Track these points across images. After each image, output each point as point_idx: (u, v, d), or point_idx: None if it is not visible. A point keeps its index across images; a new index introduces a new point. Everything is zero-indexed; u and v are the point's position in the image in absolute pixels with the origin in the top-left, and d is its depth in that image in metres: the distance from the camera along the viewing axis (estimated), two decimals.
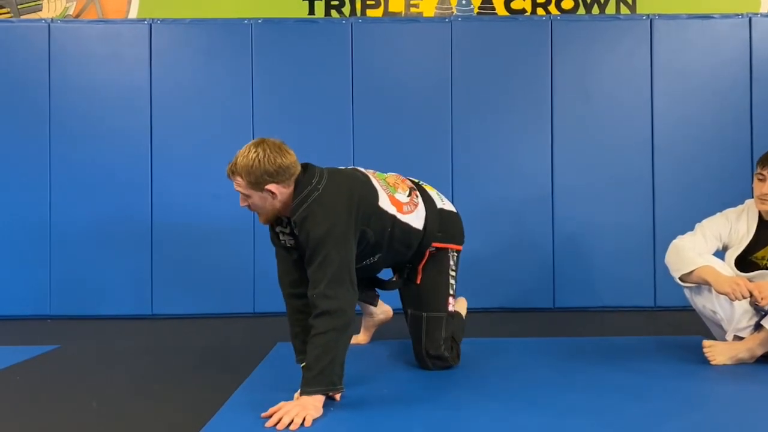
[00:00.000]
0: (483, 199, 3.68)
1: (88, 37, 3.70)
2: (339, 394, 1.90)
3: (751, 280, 2.33)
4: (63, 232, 3.63)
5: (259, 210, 2.04)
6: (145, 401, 2.02)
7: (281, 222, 2.11)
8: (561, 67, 3.72)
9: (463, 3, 4.17)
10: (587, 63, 3.72)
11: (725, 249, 2.51)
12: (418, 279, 2.35)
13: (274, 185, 1.95)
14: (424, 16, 4.16)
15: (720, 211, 2.54)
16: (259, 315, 3.64)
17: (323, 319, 1.88)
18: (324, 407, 1.83)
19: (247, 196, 2.00)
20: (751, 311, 2.34)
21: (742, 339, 2.36)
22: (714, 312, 2.38)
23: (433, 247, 2.34)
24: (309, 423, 1.73)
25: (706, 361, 2.33)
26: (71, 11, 4.18)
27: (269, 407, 1.80)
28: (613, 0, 4.17)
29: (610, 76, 3.72)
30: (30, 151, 3.64)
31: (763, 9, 4.15)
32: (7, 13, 4.18)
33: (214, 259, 3.65)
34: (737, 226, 2.47)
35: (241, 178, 1.96)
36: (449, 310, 2.34)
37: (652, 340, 2.80)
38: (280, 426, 1.71)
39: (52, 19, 3.76)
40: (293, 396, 1.88)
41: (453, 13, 4.16)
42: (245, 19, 3.72)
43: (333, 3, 4.17)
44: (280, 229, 2.12)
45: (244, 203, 2.04)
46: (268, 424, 1.73)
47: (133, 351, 2.81)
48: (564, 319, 3.45)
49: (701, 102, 3.71)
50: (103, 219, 3.64)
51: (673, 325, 3.24)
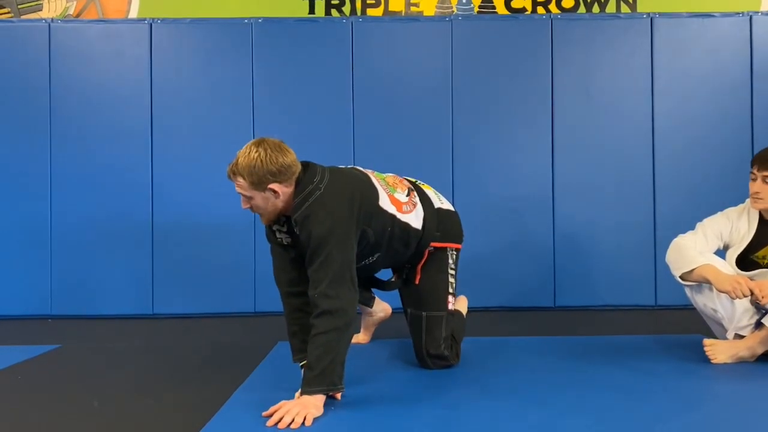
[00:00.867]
0: (483, 198, 3.68)
1: (89, 37, 3.70)
2: (339, 394, 1.90)
3: (751, 278, 2.33)
4: (64, 232, 3.64)
5: (261, 211, 2.04)
6: (146, 400, 2.02)
7: (278, 220, 2.10)
8: (561, 65, 3.72)
9: (464, 2, 4.17)
10: (588, 62, 3.72)
11: (726, 248, 2.51)
12: (417, 279, 2.35)
13: (276, 185, 1.95)
14: (425, 15, 4.16)
15: (721, 210, 2.54)
16: (260, 314, 3.64)
17: (324, 319, 1.87)
18: (324, 406, 1.83)
19: (249, 197, 1.99)
20: (751, 310, 2.34)
21: (742, 337, 2.36)
22: (715, 310, 2.38)
23: (432, 247, 2.34)
24: (310, 422, 1.73)
25: (706, 360, 2.33)
26: (71, 11, 4.18)
27: (270, 406, 1.80)
28: None
29: (611, 75, 3.72)
30: (31, 151, 3.64)
31: (764, 7, 4.15)
32: (8, 12, 4.19)
33: (214, 258, 3.65)
34: (738, 225, 2.47)
35: (243, 178, 1.95)
36: (449, 308, 2.34)
37: (653, 339, 2.80)
38: (281, 425, 1.71)
39: (52, 18, 3.77)
40: (294, 395, 1.88)
41: (453, 12, 4.16)
42: (245, 18, 3.72)
43: (333, 2, 4.17)
44: (277, 227, 2.11)
45: (246, 205, 2.03)
46: (269, 423, 1.73)
47: (134, 350, 2.81)
48: (564, 318, 3.45)
49: (702, 100, 3.71)
50: (104, 219, 3.64)
51: (674, 323, 3.24)
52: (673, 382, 2.11)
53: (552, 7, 4.18)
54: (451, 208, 2.47)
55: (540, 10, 4.17)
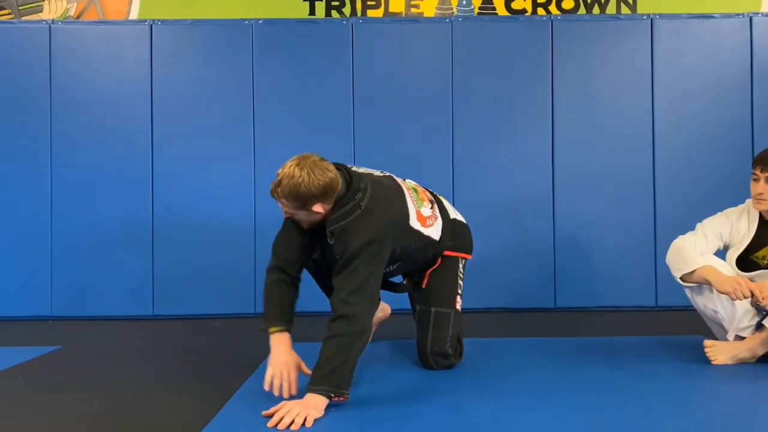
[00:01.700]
0: (484, 199, 3.68)
1: (89, 38, 3.70)
2: (343, 399, 1.89)
3: (752, 279, 2.33)
4: (64, 233, 3.64)
5: (303, 221, 2.12)
6: (147, 401, 2.02)
7: None
8: (562, 67, 3.72)
9: (464, 3, 4.18)
10: (588, 63, 3.72)
11: (726, 248, 2.51)
12: (425, 283, 2.40)
13: (319, 205, 2.01)
14: (425, 16, 4.17)
15: (721, 211, 2.54)
16: (260, 316, 3.62)
17: (340, 323, 1.90)
18: (325, 408, 1.83)
19: (292, 213, 2.08)
20: (752, 311, 2.34)
21: (743, 339, 2.35)
22: (715, 311, 2.38)
23: (444, 255, 2.39)
24: (310, 423, 1.73)
25: (707, 361, 2.33)
26: (72, 12, 4.18)
27: (270, 407, 1.80)
28: (613, 0, 4.17)
29: (611, 76, 3.72)
30: (31, 153, 3.65)
31: (764, 9, 4.15)
32: (8, 14, 4.19)
33: (215, 259, 3.65)
34: (738, 226, 2.47)
35: (287, 200, 2.01)
36: (457, 308, 2.38)
37: (653, 340, 2.80)
38: (281, 426, 1.71)
39: (53, 20, 3.77)
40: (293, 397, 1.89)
41: (453, 13, 4.16)
42: (246, 19, 3.73)
43: (333, 3, 4.17)
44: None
45: (288, 215, 2.13)
46: (269, 423, 1.73)
47: (134, 352, 2.81)
48: (565, 319, 3.44)
49: (702, 101, 3.71)
50: (105, 220, 3.64)
51: (675, 324, 3.24)
52: (674, 383, 2.11)
53: (552, 8, 4.18)
54: (464, 221, 2.53)
55: (540, 11, 4.17)
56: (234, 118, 3.67)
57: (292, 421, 1.72)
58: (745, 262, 2.43)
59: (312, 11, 4.17)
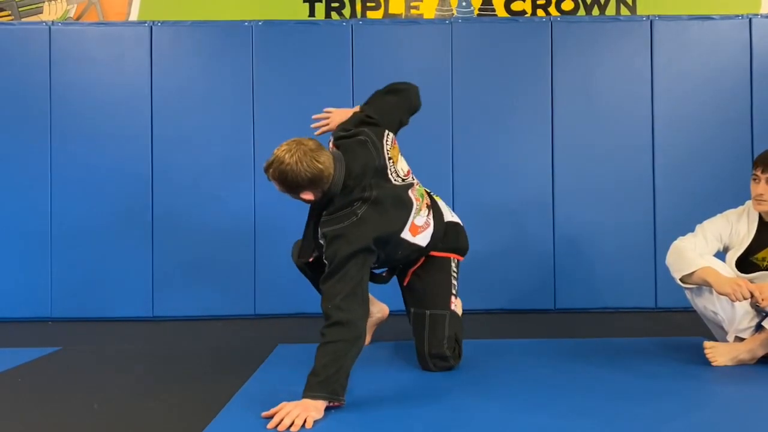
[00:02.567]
0: (483, 200, 3.68)
1: (89, 40, 3.71)
2: (338, 405, 1.88)
3: (752, 281, 2.33)
4: (64, 235, 3.64)
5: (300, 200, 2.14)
6: (146, 403, 2.02)
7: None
8: (561, 68, 3.72)
9: (464, 4, 4.18)
10: (587, 64, 3.73)
11: (726, 250, 2.51)
12: (406, 281, 2.41)
13: (308, 192, 2.03)
14: (425, 17, 4.17)
15: (721, 212, 2.55)
16: (260, 317, 3.64)
17: (336, 329, 1.90)
18: (324, 410, 1.83)
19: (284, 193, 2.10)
20: (752, 312, 2.34)
21: (743, 340, 2.36)
22: (715, 313, 2.38)
23: (432, 255, 2.39)
24: (310, 425, 1.74)
25: (707, 362, 2.33)
26: (72, 14, 4.18)
27: (270, 408, 1.80)
28: (613, 1, 4.17)
29: (611, 78, 3.73)
30: (31, 154, 3.65)
31: (764, 10, 4.15)
32: (8, 15, 4.19)
33: (215, 261, 3.65)
34: (738, 227, 2.47)
35: (276, 183, 2.04)
36: (451, 308, 2.36)
37: (653, 342, 2.80)
38: (281, 427, 1.71)
39: (52, 21, 3.77)
40: (294, 398, 1.88)
41: (453, 14, 4.16)
42: (246, 21, 3.73)
43: (333, 5, 4.17)
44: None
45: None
46: (269, 425, 1.73)
47: (134, 353, 2.81)
48: (565, 321, 3.44)
49: (701, 103, 3.71)
50: (105, 222, 3.64)
51: (674, 326, 3.24)
52: (673, 384, 2.11)
53: (552, 9, 4.18)
54: (459, 222, 2.52)
55: (540, 12, 4.18)
56: (234, 119, 3.68)
57: (292, 423, 1.72)
58: (745, 264, 2.43)
59: (312, 13, 4.17)
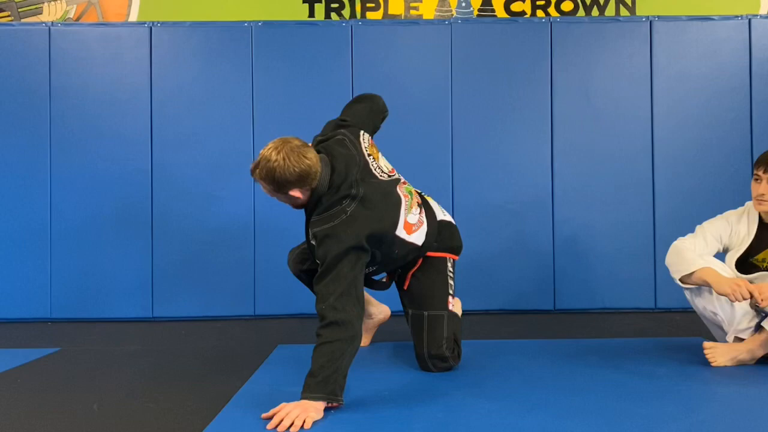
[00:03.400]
0: (483, 201, 3.68)
1: (89, 41, 3.71)
2: (337, 405, 1.88)
3: (751, 281, 2.33)
4: (63, 236, 3.63)
5: (288, 204, 2.14)
6: (146, 404, 2.02)
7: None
8: (561, 69, 3.72)
9: (463, 5, 4.18)
10: (587, 65, 3.73)
11: (726, 251, 2.51)
12: (406, 285, 2.39)
13: (296, 190, 2.02)
14: (424, 18, 4.17)
15: (720, 213, 2.55)
16: (260, 317, 3.64)
17: (331, 329, 1.90)
18: (323, 410, 1.83)
19: (271, 195, 2.09)
20: (751, 313, 2.34)
21: (742, 340, 2.36)
22: (714, 313, 2.38)
23: (428, 256, 2.38)
24: (309, 425, 1.74)
25: (706, 363, 2.33)
26: (71, 14, 4.18)
27: (270, 409, 1.80)
28: (612, 2, 4.17)
29: (610, 78, 3.73)
30: (31, 154, 3.65)
31: (763, 10, 4.16)
32: (8, 16, 4.19)
33: (214, 261, 3.65)
34: (738, 228, 2.47)
35: (264, 183, 2.03)
36: (449, 308, 2.36)
37: (653, 342, 2.80)
38: (280, 428, 1.71)
39: (52, 22, 3.77)
40: (293, 398, 1.88)
41: (453, 15, 4.17)
42: (245, 21, 3.73)
43: (333, 5, 4.17)
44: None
45: (272, 197, 2.14)
46: (269, 426, 1.74)
47: (134, 354, 2.81)
48: (564, 321, 3.44)
49: (701, 103, 3.72)
50: (104, 222, 3.64)
51: (674, 326, 3.24)
52: (673, 384, 2.11)
53: (551, 10, 4.19)
54: (452, 221, 2.51)
55: (539, 13, 4.18)
56: (233, 120, 3.68)
57: (292, 423, 1.72)
58: (745, 265, 2.43)
59: (311, 13, 4.17)
